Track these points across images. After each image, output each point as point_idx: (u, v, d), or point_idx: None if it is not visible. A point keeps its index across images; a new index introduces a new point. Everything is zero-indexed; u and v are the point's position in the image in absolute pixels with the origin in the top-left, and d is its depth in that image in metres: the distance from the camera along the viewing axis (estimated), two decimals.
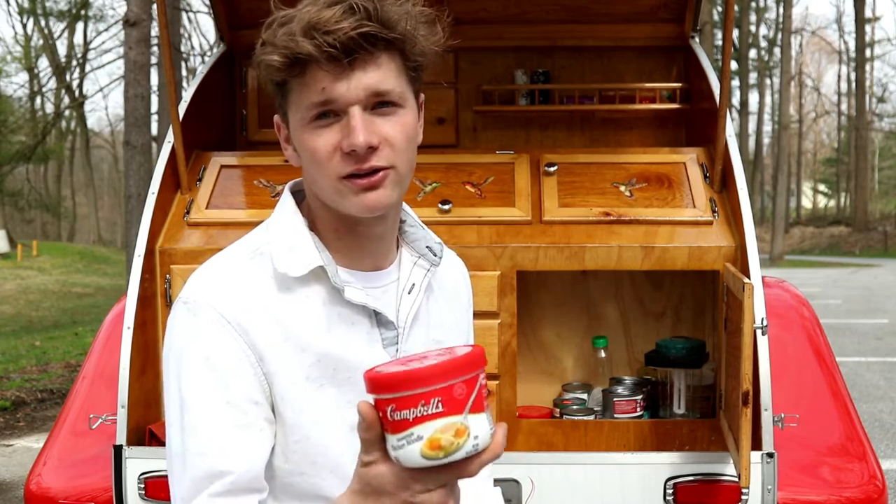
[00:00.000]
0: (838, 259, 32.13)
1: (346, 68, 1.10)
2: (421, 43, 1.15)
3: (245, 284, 1.18)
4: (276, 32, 1.11)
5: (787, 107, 32.24)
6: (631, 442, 2.38)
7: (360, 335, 1.21)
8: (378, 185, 1.14)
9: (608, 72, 3.14)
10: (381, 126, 1.13)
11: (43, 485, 2.30)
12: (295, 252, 1.19)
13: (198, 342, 1.14)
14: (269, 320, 1.16)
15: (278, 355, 1.16)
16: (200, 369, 1.13)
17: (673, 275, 2.69)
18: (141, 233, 2.36)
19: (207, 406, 1.13)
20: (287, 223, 1.23)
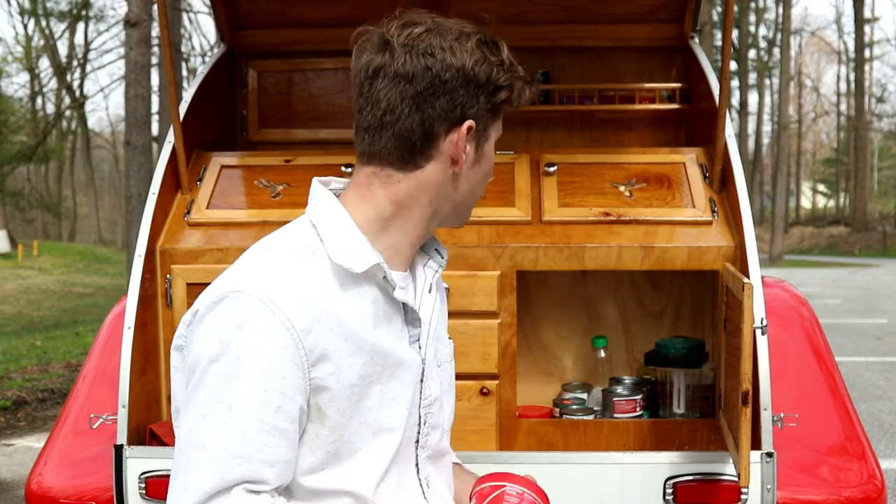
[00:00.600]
0: (837, 259, 32.13)
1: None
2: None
3: (307, 283, 1.17)
4: (517, 74, 1.27)
5: (787, 107, 32.24)
6: (630, 442, 2.38)
7: (395, 332, 1.26)
8: None
9: (608, 72, 3.15)
10: None
11: (44, 484, 2.30)
12: (352, 248, 1.21)
13: (258, 344, 1.12)
14: (332, 321, 1.17)
15: (339, 356, 1.18)
16: (259, 372, 1.12)
17: (672, 275, 2.69)
18: (141, 233, 2.36)
19: (260, 411, 1.11)
20: (335, 219, 1.23)
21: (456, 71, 1.20)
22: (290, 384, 1.13)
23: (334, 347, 1.17)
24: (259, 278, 1.16)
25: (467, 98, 1.22)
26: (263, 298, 1.13)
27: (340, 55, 3.07)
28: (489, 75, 1.22)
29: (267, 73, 3.11)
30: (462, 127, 1.23)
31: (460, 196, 1.27)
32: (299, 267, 1.19)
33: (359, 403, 1.21)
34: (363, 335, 1.20)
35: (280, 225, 2.53)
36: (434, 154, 1.23)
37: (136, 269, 2.31)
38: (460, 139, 1.23)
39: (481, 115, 1.24)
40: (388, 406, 1.24)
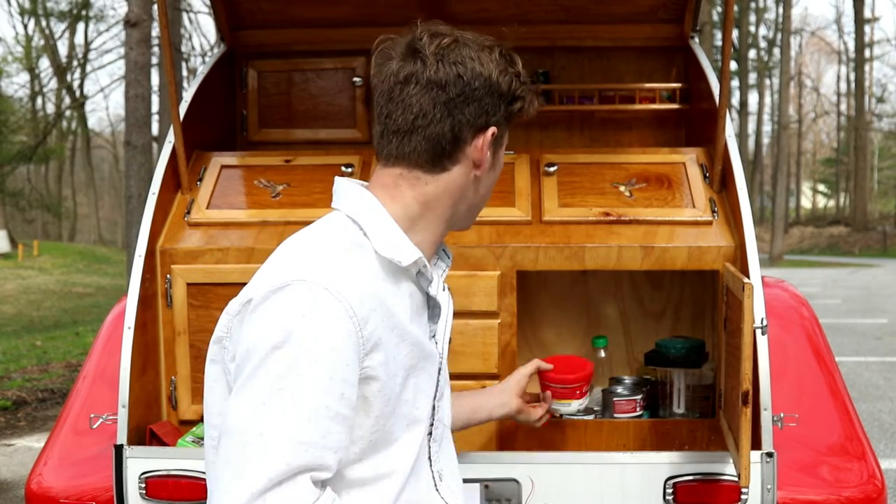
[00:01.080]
0: (837, 259, 32.14)
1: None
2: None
3: (362, 274, 1.22)
4: (533, 87, 1.36)
5: (787, 107, 32.24)
6: (630, 442, 2.38)
7: (423, 325, 1.33)
8: None
9: (608, 72, 3.15)
10: None
11: (44, 484, 2.30)
12: (397, 243, 1.27)
13: (325, 330, 1.14)
14: (384, 312, 1.22)
15: (388, 346, 1.22)
16: (325, 359, 1.13)
17: (672, 275, 2.69)
18: (141, 233, 2.36)
19: (325, 398, 1.12)
20: (379, 216, 1.29)
21: (484, 80, 1.29)
22: (352, 372, 1.16)
23: (386, 338, 1.21)
24: (320, 268, 1.18)
25: (492, 106, 1.30)
26: (328, 286, 1.15)
27: (340, 55, 3.07)
28: (510, 85, 1.31)
29: (267, 73, 3.11)
30: (487, 133, 1.31)
31: (477, 199, 1.36)
32: (352, 259, 1.23)
33: (400, 395, 1.26)
34: (406, 327, 1.26)
35: (280, 225, 2.54)
36: (460, 158, 1.30)
37: (136, 269, 2.31)
38: (484, 144, 1.31)
39: (501, 122, 1.32)
40: (419, 398, 1.30)
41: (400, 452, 1.27)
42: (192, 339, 2.38)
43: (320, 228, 1.29)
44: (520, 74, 1.32)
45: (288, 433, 1.10)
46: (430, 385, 1.34)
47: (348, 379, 1.15)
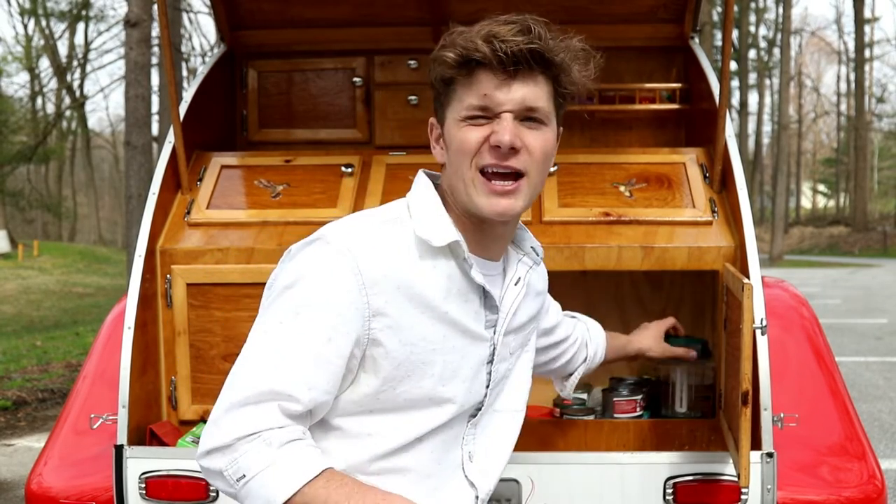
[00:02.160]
0: (837, 259, 32.14)
1: (508, 77, 1.26)
2: (574, 74, 1.33)
3: (385, 243, 1.29)
4: (456, 36, 1.29)
5: (787, 107, 32.24)
6: (631, 442, 2.38)
7: (470, 311, 1.35)
8: (512, 193, 1.30)
9: (608, 72, 3.13)
10: (526, 135, 1.29)
11: (44, 484, 2.30)
12: (435, 224, 1.31)
13: (328, 282, 1.24)
14: (401, 281, 1.27)
15: (401, 314, 1.27)
16: (320, 304, 1.24)
17: (672, 275, 2.69)
18: (142, 233, 2.36)
19: (310, 338, 1.23)
20: (426, 199, 1.35)
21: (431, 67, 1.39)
22: (346, 324, 1.24)
23: (397, 305, 1.27)
24: (345, 233, 1.29)
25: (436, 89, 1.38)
26: (341, 249, 1.26)
27: (340, 55, 3.07)
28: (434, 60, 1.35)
29: (267, 73, 3.11)
30: (431, 120, 1.42)
31: (452, 169, 1.36)
32: (383, 231, 1.31)
33: (421, 366, 1.30)
34: (432, 301, 1.29)
35: (280, 225, 2.54)
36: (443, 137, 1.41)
37: (137, 269, 2.31)
38: (431, 129, 1.42)
39: (440, 96, 1.36)
40: (448, 378, 1.33)
41: (409, 422, 1.31)
42: (192, 339, 2.38)
43: (374, 210, 1.39)
44: (454, 41, 1.30)
45: (269, 360, 1.23)
46: (467, 369, 1.35)
47: (338, 328, 1.24)
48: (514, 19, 1.27)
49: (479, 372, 1.38)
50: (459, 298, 1.33)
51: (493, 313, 1.39)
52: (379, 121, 3.07)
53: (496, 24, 1.27)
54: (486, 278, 1.37)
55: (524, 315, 1.48)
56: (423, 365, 1.30)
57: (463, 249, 1.31)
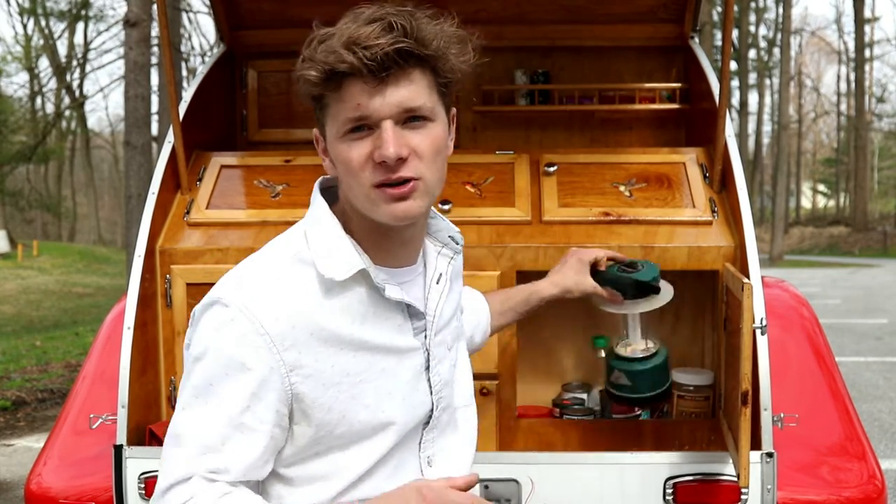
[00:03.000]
0: (837, 259, 32.13)
1: (380, 83, 1.17)
2: (452, 61, 1.24)
3: (287, 292, 1.23)
4: (315, 49, 1.19)
5: (787, 107, 32.24)
6: (630, 442, 2.38)
7: (392, 327, 1.30)
8: (408, 195, 1.22)
9: (608, 72, 3.15)
10: (411, 139, 1.21)
11: (43, 484, 2.30)
12: (336, 257, 1.25)
13: (234, 349, 1.20)
14: (310, 326, 1.22)
15: (318, 359, 1.23)
16: (234, 373, 1.20)
17: (672, 275, 2.68)
18: (141, 233, 2.36)
19: (229, 408, 1.20)
20: (324, 228, 1.28)
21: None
22: (263, 387, 1.20)
23: (312, 352, 1.22)
24: (241, 288, 1.23)
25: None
26: (241, 308, 1.20)
27: None
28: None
29: (267, 73, 3.11)
30: (315, 132, 1.34)
31: (345, 186, 1.28)
32: (283, 276, 1.25)
33: (352, 401, 1.26)
34: (346, 335, 1.25)
35: (280, 225, 2.54)
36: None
37: (136, 269, 2.31)
38: (317, 141, 1.34)
39: (315, 107, 1.28)
40: (384, 401, 1.28)
41: (358, 455, 1.28)
42: None
43: (277, 241, 1.32)
44: (315, 55, 1.20)
45: (194, 438, 1.20)
46: (408, 384, 1.31)
47: (257, 393, 1.20)
48: (376, 16, 1.17)
49: (417, 382, 1.33)
50: (378, 319, 1.28)
51: (418, 319, 1.34)
52: None
53: (356, 24, 1.17)
54: (405, 285, 1.32)
55: (450, 308, 1.42)
56: (354, 399, 1.26)
57: (371, 277, 1.26)
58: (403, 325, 1.31)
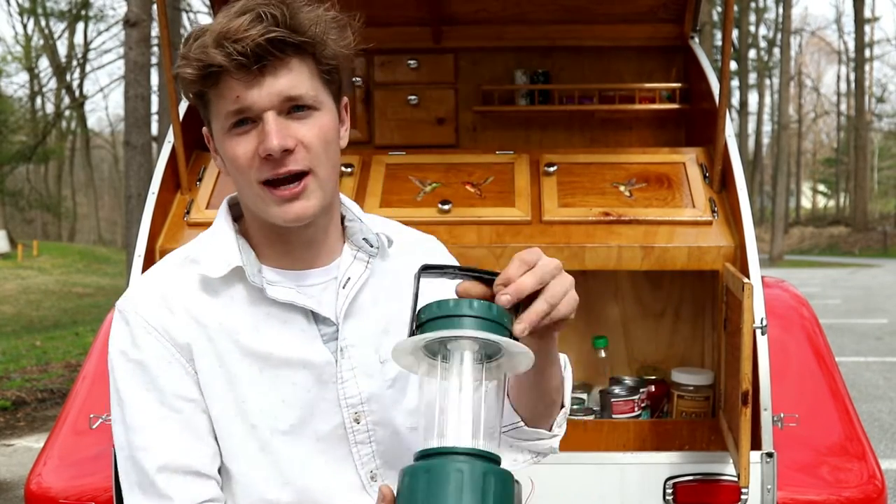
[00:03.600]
0: (838, 259, 32.14)
1: (257, 75, 1.12)
2: (332, 46, 1.18)
3: (169, 290, 1.23)
4: (190, 46, 1.14)
5: (787, 107, 32.24)
6: (630, 442, 2.38)
7: (293, 332, 1.23)
8: (299, 194, 1.17)
9: (608, 72, 3.15)
10: (297, 129, 1.16)
11: (43, 484, 2.30)
12: (216, 254, 1.24)
13: (132, 347, 1.22)
14: (192, 323, 1.21)
15: (203, 355, 1.21)
16: (135, 372, 1.22)
17: (672, 275, 2.69)
18: (141, 233, 2.36)
19: (144, 405, 1.21)
20: (216, 228, 1.29)
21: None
22: (165, 378, 1.20)
23: (199, 348, 1.21)
24: (136, 290, 1.26)
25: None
26: (136, 308, 1.23)
27: None
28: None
29: None
30: (204, 130, 1.29)
31: (237, 185, 1.26)
32: (170, 276, 1.25)
33: (240, 404, 1.22)
34: (233, 336, 1.22)
35: None
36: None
37: (136, 268, 2.31)
38: (208, 140, 1.29)
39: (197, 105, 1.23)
40: (277, 408, 1.22)
41: (251, 456, 1.23)
42: None
43: (176, 249, 1.33)
44: (189, 53, 1.14)
45: (131, 442, 1.21)
46: (296, 394, 1.23)
47: (162, 386, 1.20)
48: (246, 7, 1.12)
49: (322, 392, 1.23)
50: (275, 322, 1.22)
51: (327, 325, 1.24)
52: (379, 121, 3.07)
53: (227, 18, 1.12)
54: (313, 289, 1.25)
55: (376, 316, 1.28)
56: (246, 402, 1.21)
57: (247, 273, 1.21)
58: (308, 330, 1.23)
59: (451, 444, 0.95)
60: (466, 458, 0.94)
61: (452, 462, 0.92)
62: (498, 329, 0.99)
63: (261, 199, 1.19)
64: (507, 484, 0.96)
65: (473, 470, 0.92)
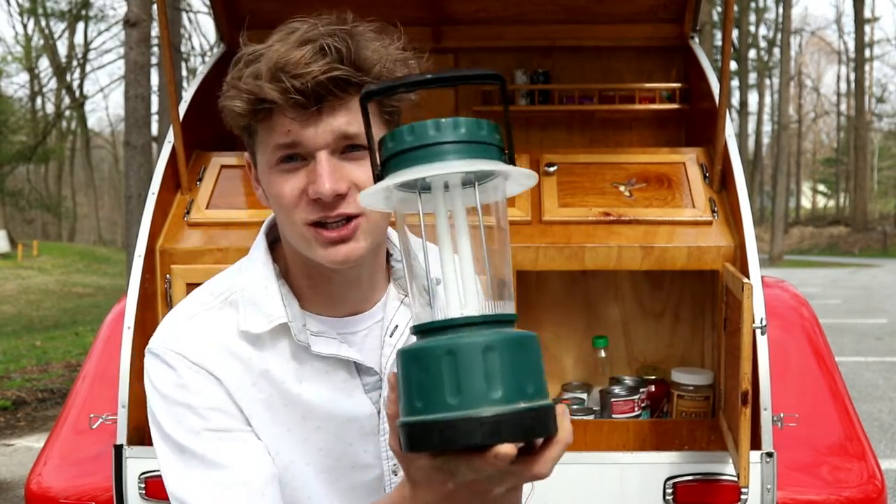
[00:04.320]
0: (837, 259, 32.14)
1: (313, 114, 1.03)
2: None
3: (213, 336, 1.14)
4: (241, 73, 1.05)
5: (787, 107, 32.25)
6: (630, 442, 2.38)
7: (335, 385, 1.16)
8: (349, 237, 1.07)
9: (608, 72, 3.15)
10: (351, 171, 1.06)
11: (44, 484, 2.30)
12: (260, 307, 1.14)
13: (178, 390, 1.11)
14: (236, 364, 1.13)
15: (248, 399, 1.13)
16: (186, 414, 1.10)
17: (672, 275, 2.69)
18: (141, 233, 2.36)
19: (207, 445, 1.10)
20: (258, 273, 1.17)
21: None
22: (215, 412, 1.11)
23: (244, 394, 1.13)
24: (174, 333, 1.14)
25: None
26: (178, 350, 1.12)
27: None
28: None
29: None
30: (246, 156, 1.20)
31: (279, 221, 1.15)
32: (212, 321, 1.15)
33: (283, 448, 1.16)
34: (277, 387, 1.14)
35: None
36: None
37: (136, 269, 2.31)
38: (249, 168, 1.20)
39: (245, 140, 1.15)
40: (318, 455, 1.17)
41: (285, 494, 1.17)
42: None
43: (217, 279, 1.21)
44: (240, 83, 1.05)
45: (208, 484, 1.09)
46: (346, 447, 1.18)
47: (210, 418, 1.11)
48: (308, 36, 1.02)
49: (364, 445, 1.19)
50: (318, 374, 1.15)
51: (369, 375, 1.18)
52: None
53: (286, 45, 1.02)
54: (354, 336, 1.18)
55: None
56: (290, 448, 1.16)
57: (292, 330, 1.13)
58: (349, 381, 1.16)
59: (446, 315, 0.80)
60: (467, 331, 0.79)
61: (443, 342, 0.78)
62: (490, 151, 0.82)
63: (307, 240, 1.09)
64: (521, 351, 0.79)
65: (469, 347, 0.77)
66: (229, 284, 1.18)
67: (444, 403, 0.76)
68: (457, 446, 0.77)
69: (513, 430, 0.76)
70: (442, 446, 0.77)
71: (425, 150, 0.79)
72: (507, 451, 0.78)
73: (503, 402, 0.76)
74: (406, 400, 0.79)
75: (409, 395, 0.79)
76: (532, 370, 0.79)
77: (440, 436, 0.76)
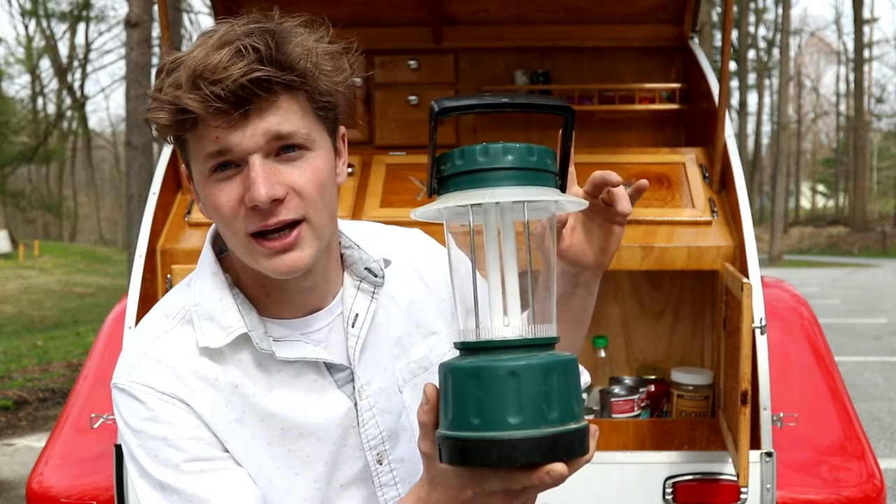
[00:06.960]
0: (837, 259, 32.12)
1: (239, 119, 0.97)
2: (325, 81, 1.02)
3: (177, 360, 1.09)
4: (163, 83, 0.99)
5: (786, 107, 32.26)
6: (630, 441, 2.38)
7: (307, 386, 1.13)
8: (292, 245, 1.02)
9: (608, 72, 3.15)
10: (287, 174, 1.01)
11: (45, 484, 2.30)
12: (217, 320, 1.10)
13: (150, 423, 1.07)
14: (209, 390, 1.09)
15: (222, 421, 1.10)
16: (162, 448, 1.07)
17: (672, 274, 2.69)
18: (142, 233, 2.37)
19: (187, 479, 1.07)
20: (209, 286, 1.12)
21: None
22: (190, 442, 1.08)
23: (217, 415, 1.10)
24: (134, 363, 1.11)
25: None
26: (142, 382, 1.08)
27: None
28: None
29: None
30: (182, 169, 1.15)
31: (222, 233, 1.09)
32: (168, 342, 1.11)
33: (267, 462, 1.13)
34: (247, 400, 1.11)
35: None
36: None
37: (137, 268, 2.31)
38: (188, 180, 1.13)
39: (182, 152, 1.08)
40: (306, 464, 1.14)
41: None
42: None
43: (167, 302, 1.16)
44: (160, 94, 0.98)
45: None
46: (321, 448, 1.15)
47: (187, 449, 1.07)
48: (226, 37, 0.96)
49: (345, 438, 1.15)
50: (287, 379, 1.11)
51: (339, 370, 1.14)
52: (379, 121, 3.08)
53: (205, 50, 0.96)
54: (318, 334, 1.14)
55: (386, 348, 1.19)
56: (271, 460, 1.13)
57: (254, 340, 1.09)
58: (320, 380, 1.13)
59: (498, 336, 0.82)
60: (521, 353, 0.81)
61: (504, 362, 0.80)
62: (544, 178, 0.85)
63: (250, 252, 1.03)
64: (570, 373, 0.83)
65: (531, 370, 0.79)
66: (182, 302, 1.13)
67: (504, 422, 0.79)
68: (516, 464, 0.80)
69: (566, 449, 0.81)
70: (501, 464, 0.80)
71: (482, 174, 0.84)
72: (561, 470, 0.81)
73: (558, 422, 0.81)
74: (457, 414, 0.82)
75: (463, 410, 0.81)
76: (577, 392, 0.84)
77: (499, 453, 0.79)
